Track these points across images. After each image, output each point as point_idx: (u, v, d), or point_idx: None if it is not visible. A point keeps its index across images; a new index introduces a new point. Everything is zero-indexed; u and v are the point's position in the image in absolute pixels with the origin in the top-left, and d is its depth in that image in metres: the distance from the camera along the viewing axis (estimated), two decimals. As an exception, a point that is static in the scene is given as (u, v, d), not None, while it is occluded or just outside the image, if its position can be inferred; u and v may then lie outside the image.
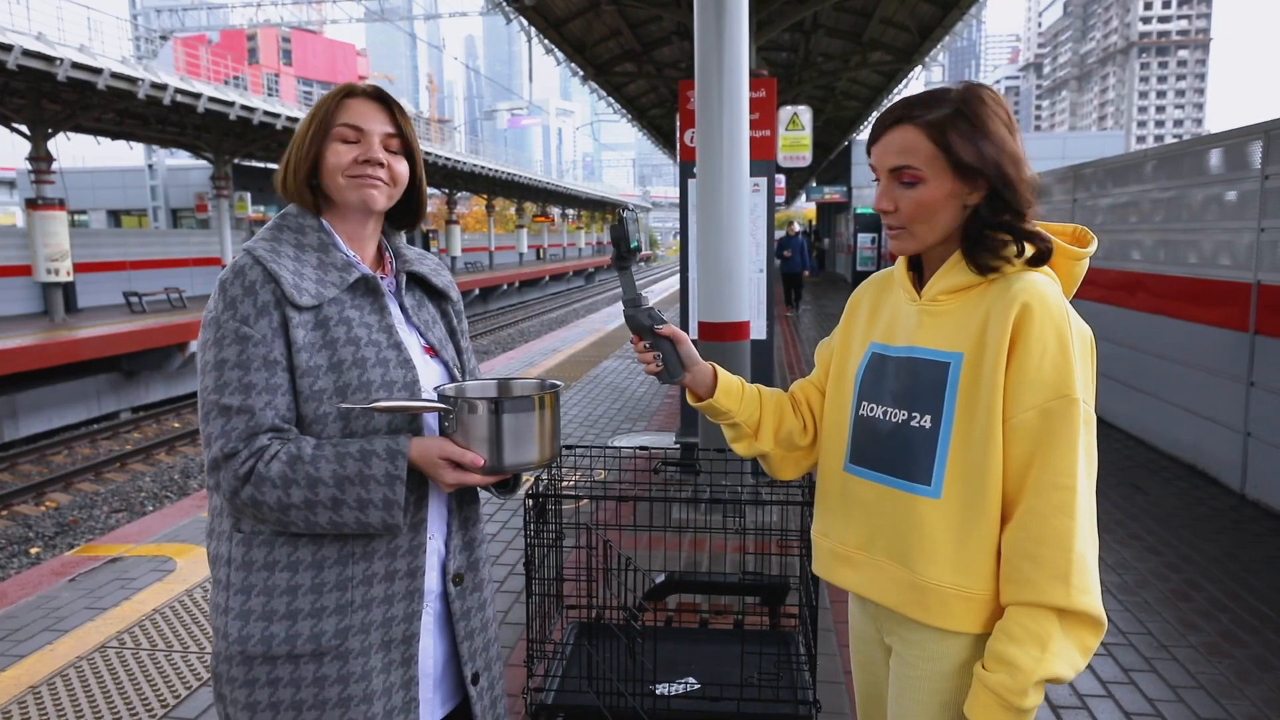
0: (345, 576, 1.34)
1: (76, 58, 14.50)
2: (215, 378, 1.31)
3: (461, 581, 1.49)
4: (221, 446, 1.29)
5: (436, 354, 1.51)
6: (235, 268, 1.35)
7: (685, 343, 1.54)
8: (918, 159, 1.30)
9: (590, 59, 15.00)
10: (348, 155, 1.40)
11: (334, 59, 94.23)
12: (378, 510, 1.30)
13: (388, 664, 1.38)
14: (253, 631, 1.31)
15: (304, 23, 35.21)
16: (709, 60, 4.62)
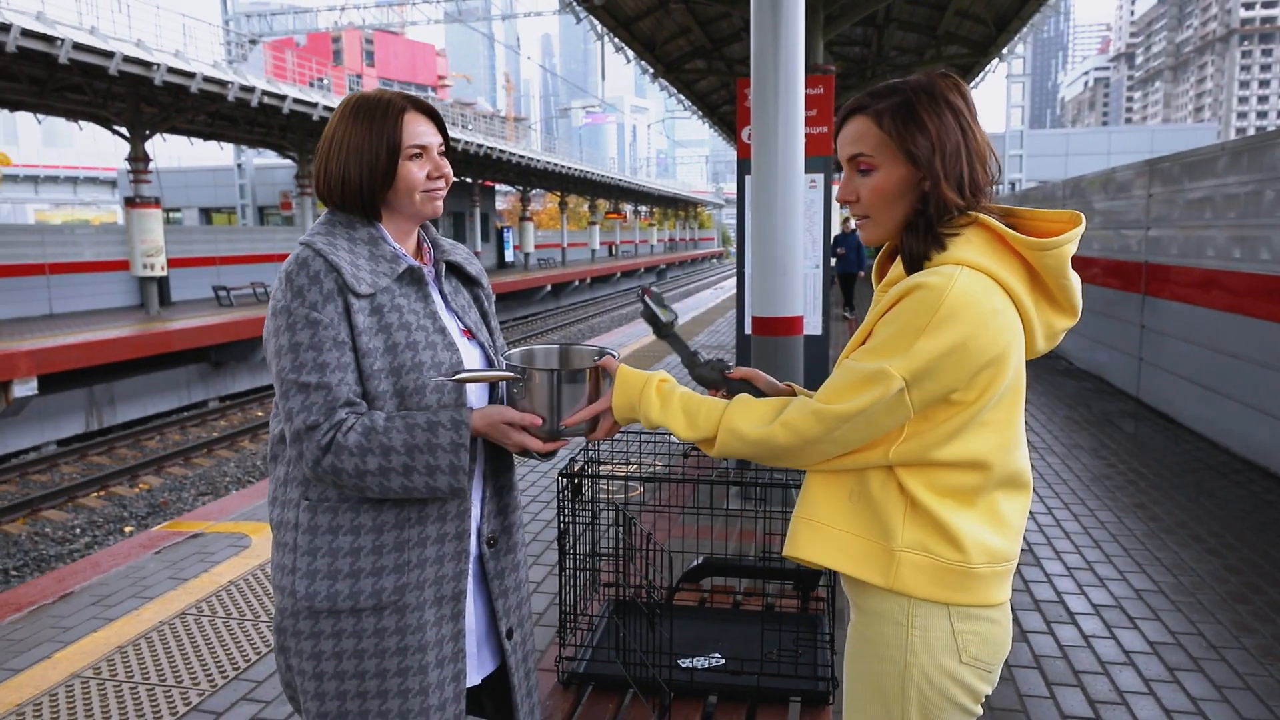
0: (402, 539, 1.48)
1: (172, 63, 15.22)
2: (292, 359, 1.43)
3: (495, 544, 1.63)
4: (304, 420, 1.41)
5: (474, 336, 1.65)
6: (299, 259, 1.47)
7: (761, 378, 1.60)
8: (868, 146, 1.36)
9: (660, 56, 15.10)
10: (420, 173, 1.53)
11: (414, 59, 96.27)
12: (444, 475, 1.44)
13: (439, 618, 1.52)
14: (319, 589, 1.46)
15: (385, 25, 36.16)
16: (765, 56, 4.68)
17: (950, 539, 1.33)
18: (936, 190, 1.32)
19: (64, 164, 57.72)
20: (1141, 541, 4.34)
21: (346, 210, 1.56)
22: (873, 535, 1.36)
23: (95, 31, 14.31)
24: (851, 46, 16.16)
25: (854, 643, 1.45)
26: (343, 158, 1.52)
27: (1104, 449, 6.16)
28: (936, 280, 1.27)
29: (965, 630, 1.35)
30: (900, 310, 1.29)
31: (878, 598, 1.38)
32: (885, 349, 1.29)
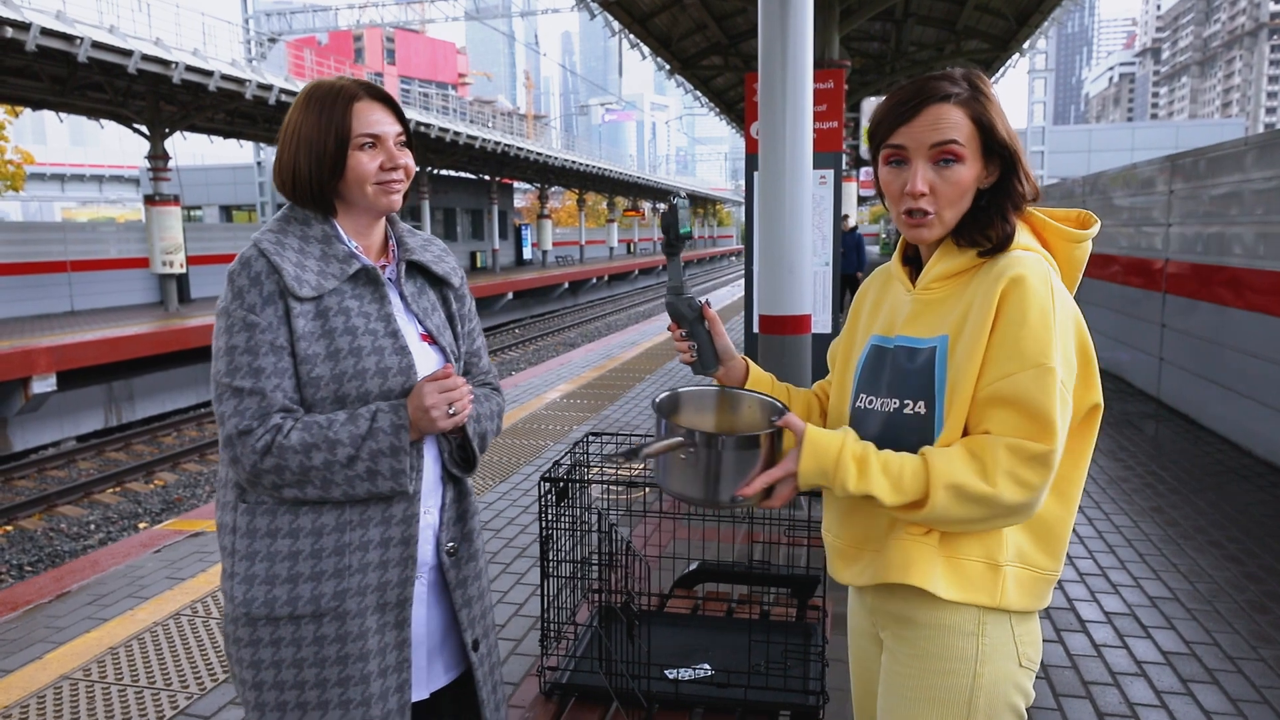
0: (343, 543, 1.43)
1: (190, 61, 15.31)
2: (227, 362, 1.40)
3: (455, 553, 1.58)
4: (236, 424, 1.38)
5: (434, 340, 1.58)
6: (242, 260, 1.43)
7: (723, 335, 1.56)
8: (962, 135, 1.29)
9: (676, 53, 15.01)
10: (372, 164, 1.47)
11: (435, 57, 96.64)
12: (386, 458, 1.40)
13: (382, 625, 1.47)
14: (256, 594, 1.41)
15: (405, 23, 36.29)
16: (773, 50, 4.60)
17: (1048, 543, 1.33)
18: (1020, 181, 1.32)
19: (90, 162, 58.42)
20: (1157, 547, 4.22)
21: (301, 204, 1.50)
22: (976, 553, 1.31)
23: (114, 30, 14.41)
24: (869, 41, 16.01)
25: (909, 660, 1.37)
26: (294, 148, 1.47)
27: (1122, 451, 6.03)
28: (1035, 266, 1.26)
29: (1022, 634, 1.35)
30: (1019, 305, 1.23)
31: (944, 610, 1.32)
32: (1030, 350, 1.22)
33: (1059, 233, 1.37)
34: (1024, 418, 1.21)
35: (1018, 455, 1.21)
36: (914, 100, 1.30)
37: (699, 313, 1.53)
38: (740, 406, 1.50)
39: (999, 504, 1.21)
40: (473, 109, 35.13)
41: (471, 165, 31.84)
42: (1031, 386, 1.20)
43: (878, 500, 1.25)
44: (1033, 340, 1.22)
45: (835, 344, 1.61)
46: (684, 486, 1.33)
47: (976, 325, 1.26)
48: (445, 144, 25.21)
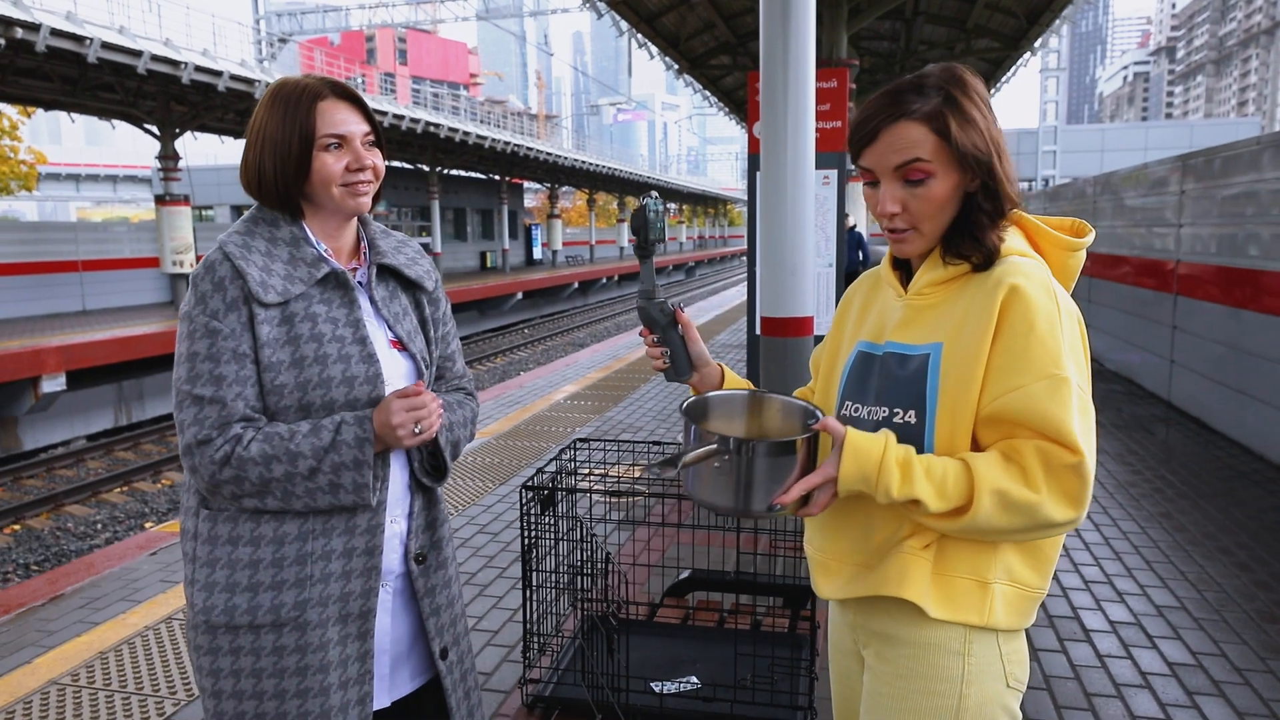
0: (305, 552, 1.41)
1: (199, 61, 15.35)
2: (188, 369, 1.37)
3: (424, 560, 1.55)
4: (195, 434, 1.36)
5: (404, 347, 1.54)
6: (206, 264, 1.40)
7: (696, 341, 1.51)
8: (925, 151, 1.23)
9: (684, 52, 14.95)
10: (337, 165, 1.43)
11: (446, 57, 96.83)
12: (349, 471, 1.37)
13: (344, 636, 1.44)
14: (216, 602, 1.39)
15: (416, 23, 36.34)
16: (774, 49, 4.53)
17: (1038, 561, 1.29)
18: (1000, 188, 1.26)
19: (104, 162, 58.79)
20: (1165, 554, 4.14)
21: (268, 205, 1.47)
22: (965, 570, 1.26)
23: (124, 31, 14.45)
24: (879, 40, 15.91)
25: (892, 680, 1.32)
26: (259, 149, 1.44)
27: (1130, 455, 5.94)
28: (1034, 272, 1.22)
29: (1009, 652, 1.30)
30: (1024, 315, 1.18)
31: (929, 628, 1.28)
32: (1041, 359, 1.17)
33: (1054, 240, 1.32)
34: (1041, 431, 1.16)
35: (1050, 464, 1.16)
36: (872, 122, 1.25)
37: (671, 318, 1.47)
38: (771, 410, 1.43)
39: (1042, 513, 1.16)
40: (483, 109, 35.13)
41: (481, 165, 31.85)
42: (1045, 398, 1.16)
43: (922, 507, 1.19)
44: (1042, 349, 1.17)
45: (818, 350, 1.56)
46: (715, 496, 1.24)
47: (975, 335, 1.21)
48: (455, 144, 25.21)
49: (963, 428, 1.23)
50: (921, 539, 1.27)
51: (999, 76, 18.43)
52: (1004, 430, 1.21)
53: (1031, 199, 14.44)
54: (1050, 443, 1.16)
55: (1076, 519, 1.18)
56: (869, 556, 1.32)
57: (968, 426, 1.23)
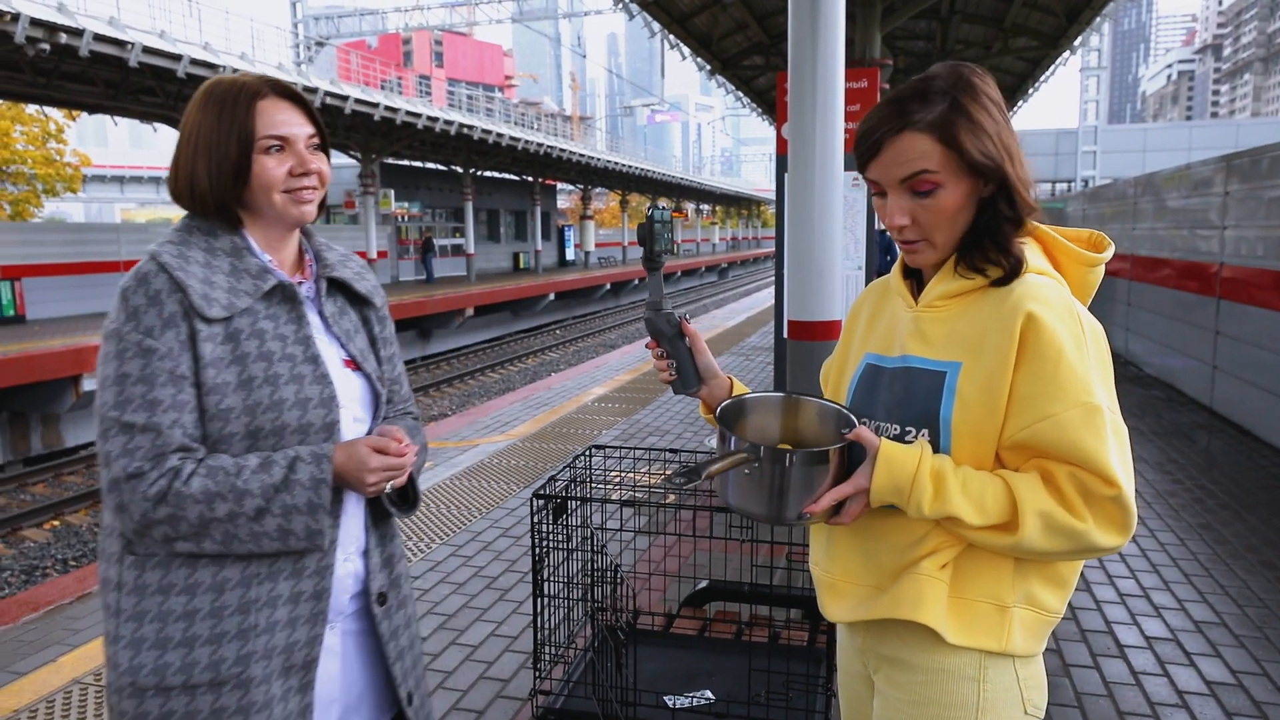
0: (248, 599, 1.27)
1: (236, 65, 15.58)
2: (116, 393, 1.22)
3: (385, 600, 1.43)
4: (125, 466, 1.21)
5: (358, 366, 1.43)
6: (139, 275, 1.26)
7: (704, 353, 1.47)
8: (932, 163, 1.18)
9: (716, 53, 14.88)
10: (279, 170, 1.32)
11: (482, 59, 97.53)
12: (301, 516, 1.25)
13: (286, 691, 1.31)
14: (144, 661, 1.23)
15: (452, 25, 36.63)
16: (802, 49, 4.47)
17: (1057, 585, 1.25)
18: (1016, 194, 1.20)
19: (148, 164, 59.93)
20: (1205, 567, 4.01)
21: (203, 215, 1.34)
22: (984, 594, 1.21)
23: (165, 35, 14.71)
24: (914, 40, 15.71)
25: (904, 707, 1.27)
26: (191, 153, 1.31)
27: (1170, 463, 5.78)
28: (1054, 295, 1.17)
29: (1027, 677, 1.25)
30: (1050, 342, 1.13)
31: (944, 653, 1.23)
32: (1072, 388, 1.12)
33: (1073, 255, 1.27)
34: (1076, 462, 1.12)
35: (1089, 494, 1.12)
36: (875, 134, 1.20)
37: (678, 329, 1.43)
38: (807, 413, 1.38)
39: (1088, 540, 1.12)
40: (517, 111, 35.31)
41: (515, 167, 32.01)
42: (1079, 428, 1.11)
43: (960, 522, 1.15)
44: (1072, 376, 1.12)
45: (828, 362, 1.51)
46: (747, 502, 1.23)
47: (997, 358, 1.16)
48: (489, 145, 25.35)
49: (985, 452, 1.19)
50: (937, 560, 1.22)
51: (1037, 76, 18.12)
52: (1032, 457, 1.17)
53: (1071, 200, 14.18)
54: (1086, 473, 1.12)
55: (1122, 544, 1.15)
56: (880, 578, 1.27)
57: (990, 451, 1.19)
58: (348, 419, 1.38)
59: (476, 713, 2.79)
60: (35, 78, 14.74)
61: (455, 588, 3.84)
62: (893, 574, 1.26)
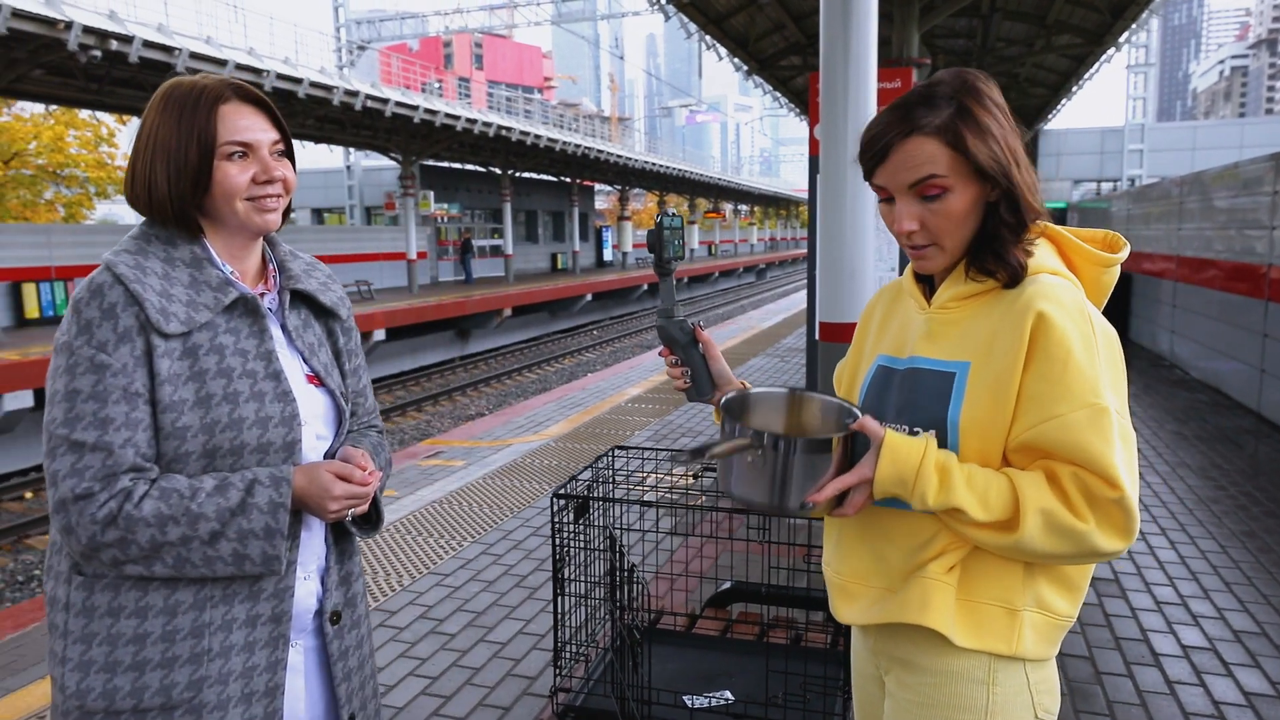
0: (201, 622, 1.23)
1: (280, 69, 15.86)
2: (65, 410, 1.18)
3: (339, 620, 1.40)
4: (73, 486, 1.17)
5: (321, 382, 1.39)
6: (93, 286, 1.21)
7: (718, 359, 1.47)
8: (941, 167, 1.18)
9: (754, 53, 14.84)
10: (242, 177, 1.27)
11: (521, 61, 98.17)
12: (258, 541, 1.22)
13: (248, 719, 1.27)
14: (93, 685, 1.20)
15: (491, 28, 36.92)
16: (834, 48, 4.44)
17: (1068, 589, 1.24)
18: (1021, 199, 1.19)
19: (195, 167, 61.20)
20: (1246, 576, 3.92)
21: (161, 223, 1.29)
22: (994, 597, 1.21)
23: (211, 41, 15.02)
24: (955, 39, 15.53)
25: (913, 709, 1.27)
26: (149, 158, 1.26)
27: (1214, 469, 5.65)
28: (1065, 295, 1.16)
29: (1038, 681, 1.25)
30: (1059, 342, 1.13)
31: (953, 656, 1.22)
32: (1080, 389, 1.11)
33: (1087, 255, 1.26)
34: (1081, 463, 1.11)
35: (1092, 496, 1.11)
36: (882, 139, 1.19)
37: (691, 336, 1.44)
38: (810, 409, 1.38)
39: (1089, 542, 1.11)
40: (555, 112, 35.50)
41: (553, 168, 32.19)
42: (1085, 429, 1.10)
43: (964, 516, 1.14)
44: (1080, 377, 1.12)
45: (842, 364, 1.51)
46: (749, 491, 1.21)
47: (1006, 358, 1.16)
48: (526, 147, 25.52)
49: (993, 451, 1.19)
50: (944, 563, 1.21)
51: (1081, 73, 17.81)
52: (1038, 458, 1.16)
53: (1115, 200, 13.91)
54: (1090, 474, 1.11)
55: (1124, 549, 1.14)
56: (890, 580, 1.27)
57: (998, 451, 1.19)
58: (310, 436, 1.35)
59: (503, 709, 2.82)
60: (87, 83, 15.15)
61: (485, 585, 3.88)
62: (902, 576, 1.25)
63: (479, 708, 2.85)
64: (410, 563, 4.18)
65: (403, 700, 2.92)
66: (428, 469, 5.94)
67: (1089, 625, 3.44)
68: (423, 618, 3.57)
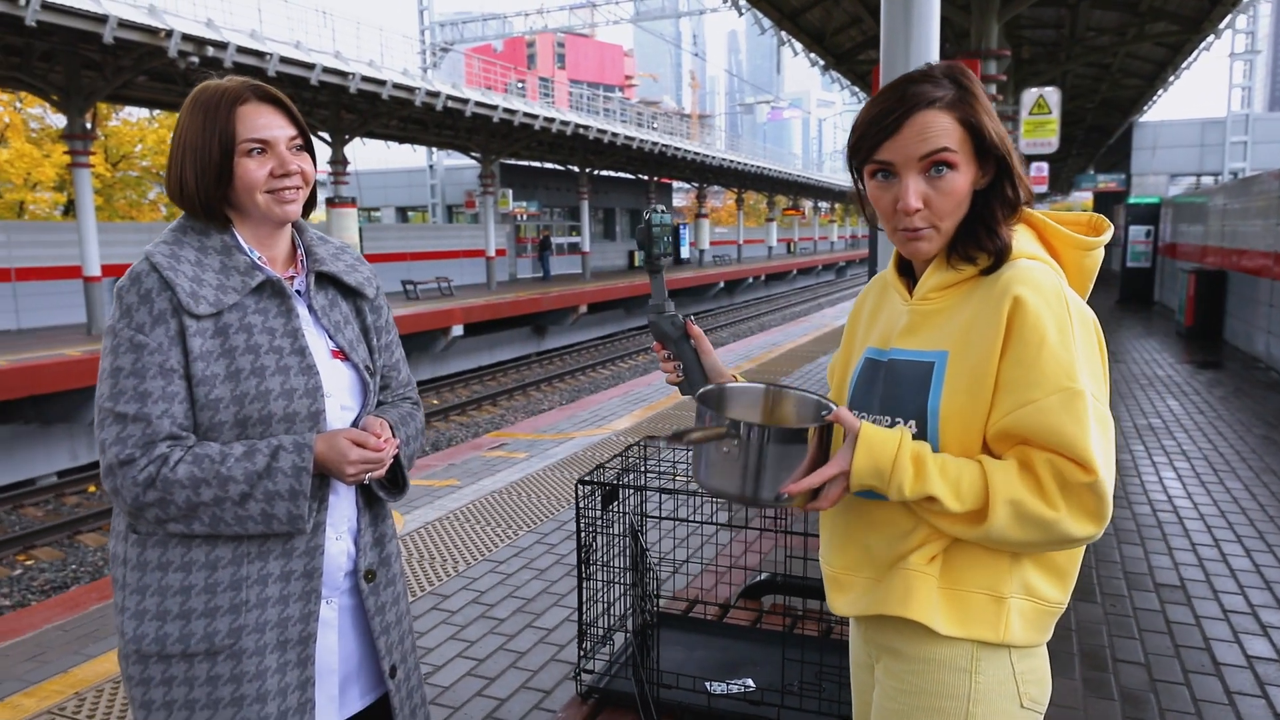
0: (239, 576, 1.35)
1: (365, 72, 16.35)
2: (111, 385, 1.32)
3: (374, 578, 1.51)
4: (117, 453, 1.30)
5: (346, 356, 1.49)
6: (132, 275, 1.34)
7: (710, 353, 1.50)
8: (953, 141, 1.18)
9: (830, 48, 14.67)
10: (261, 171, 1.38)
11: (603, 60, 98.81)
12: (283, 501, 1.32)
13: (283, 664, 1.39)
14: (146, 631, 1.34)
15: (571, 28, 37.33)
16: (894, 43, 4.38)
17: (1057, 575, 1.24)
18: (1014, 183, 1.22)
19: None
20: (1326, 587, 3.74)
21: (191, 214, 1.42)
22: (979, 585, 1.22)
23: (300, 45, 15.59)
24: (1041, 28, 15.03)
25: (898, 696, 1.28)
26: (180, 155, 1.39)
27: (1303, 476, 5.38)
28: (1043, 278, 1.16)
29: (1024, 670, 1.25)
30: (1034, 326, 1.13)
31: (936, 644, 1.24)
32: (1053, 372, 1.12)
33: (1067, 240, 1.26)
34: (1055, 448, 1.11)
35: (1065, 481, 1.11)
36: (898, 110, 1.19)
37: (683, 331, 1.46)
38: (786, 403, 1.40)
39: (1059, 529, 1.11)
40: (634, 110, 35.67)
41: (630, 166, 32.37)
42: (1059, 414, 1.10)
43: (939, 505, 1.15)
44: (1054, 362, 1.12)
45: (835, 358, 1.52)
46: (723, 482, 1.22)
47: (983, 345, 1.17)
48: (604, 145, 25.73)
49: (973, 440, 1.19)
50: (924, 554, 1.22)
51: (1178, 63, 17.04)
52: (1016, 444, 1.16)
53: (1214, 194, 13.28)
54: (1064, 459, 1.11)
55: (1096, 534, 1.14)
56: (877, 570, 1.29)
57: (978, 439, 1.19)
58: (334, 407, 1.45)
59: (543, 691, 2.90)
60: (187, 89, 15.80)
61: (537, 573, 3.98)
62: (887, 566, 1.27)
63: (521, 689, 2.94)
64: (467, 549, 4.31)
65: (449, 680, 3.03)
66: (491, 460, 6.09)
67: (1147, 632, 3.34)
68: (474, 602, 3.68)
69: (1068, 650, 3.18)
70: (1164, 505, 4.85)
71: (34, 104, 21.62)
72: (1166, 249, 16.03)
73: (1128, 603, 3.60)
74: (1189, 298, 11.76)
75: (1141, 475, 5.45)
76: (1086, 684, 2.96)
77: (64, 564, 7.82)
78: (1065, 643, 3.23)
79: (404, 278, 21.42)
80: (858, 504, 1.29)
